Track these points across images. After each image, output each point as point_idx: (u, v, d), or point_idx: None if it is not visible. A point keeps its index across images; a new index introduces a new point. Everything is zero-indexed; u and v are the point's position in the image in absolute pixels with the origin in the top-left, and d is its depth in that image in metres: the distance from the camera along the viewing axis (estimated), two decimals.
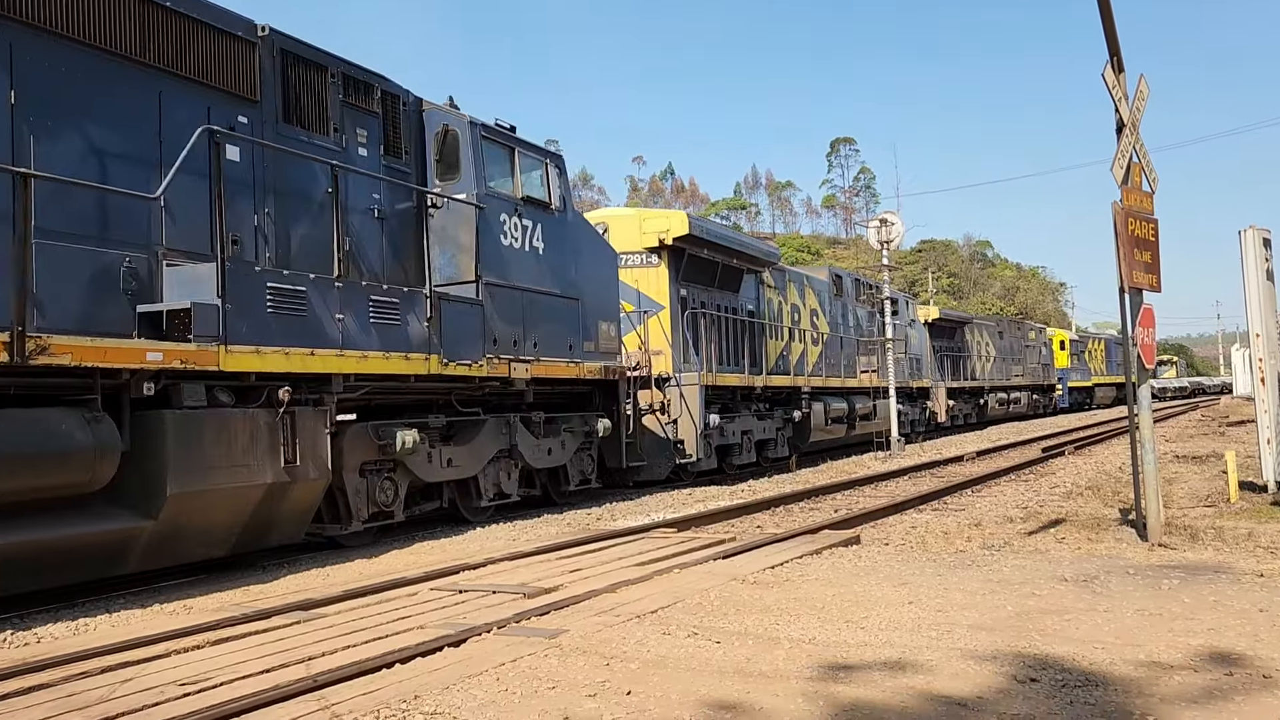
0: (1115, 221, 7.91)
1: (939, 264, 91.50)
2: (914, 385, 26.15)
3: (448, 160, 10.62)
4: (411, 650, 4.83)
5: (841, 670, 4.36)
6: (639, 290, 15.52)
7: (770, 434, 18.15)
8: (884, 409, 22.55)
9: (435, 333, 9.48)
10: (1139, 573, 6.49)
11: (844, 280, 23.90)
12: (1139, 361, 8.00)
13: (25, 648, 5.61)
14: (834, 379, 21.33)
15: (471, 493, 10.81)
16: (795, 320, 20.33)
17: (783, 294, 19.95)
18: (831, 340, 21.87)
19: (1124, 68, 8.05)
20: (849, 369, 22.39)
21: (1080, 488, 12.52)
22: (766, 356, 18.63)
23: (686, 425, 14.95)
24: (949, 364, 31.39)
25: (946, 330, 32.23)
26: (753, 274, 18.62)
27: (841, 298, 23.12)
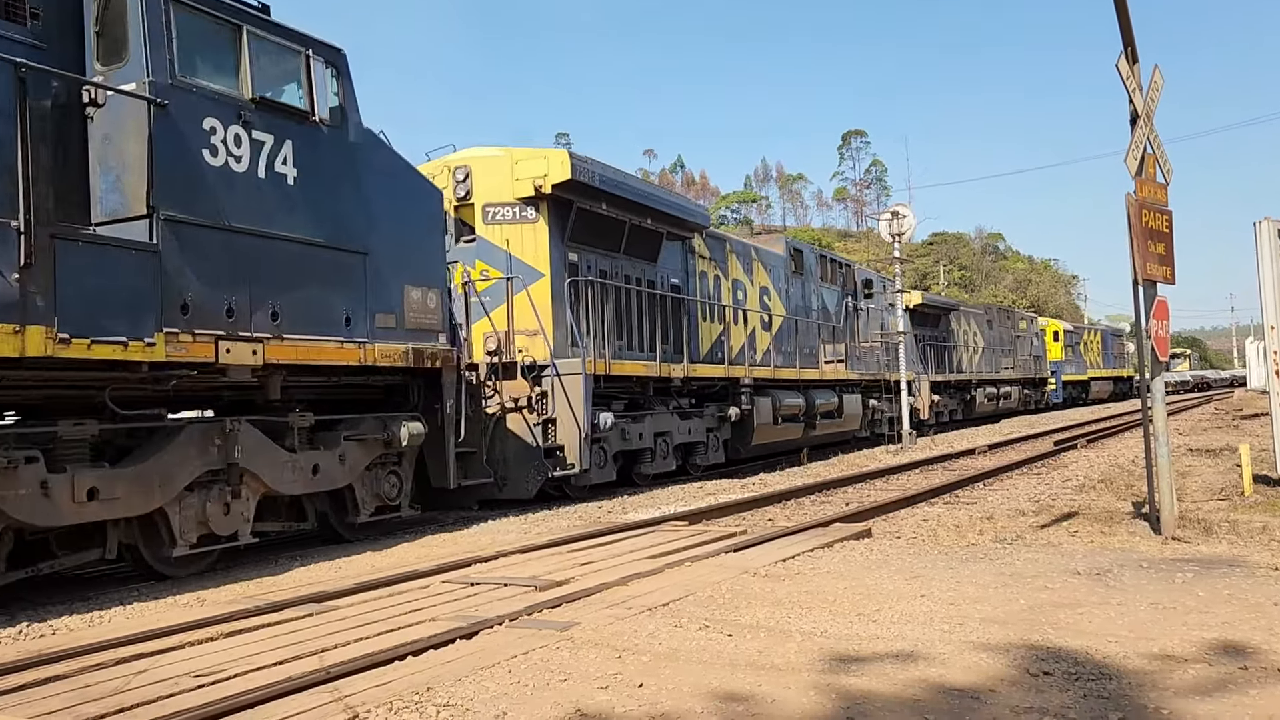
0: (1129, 213, 7.86)
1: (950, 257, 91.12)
2: (890, 378, 22.92)
3: (112, 34, 7.34)
4: (424, 642, 4.84)
5: (853, 663, 4.36)
6: (510, 253, 12.41)
7: (698, 435, 15.29)
8: (853, 405, 20.73)
9: (42, 292, 6.18)
10: (1152, 566, 6.46)
11: (805, 256, 20.97)
12: (1153, 354, 7.96)
13: (41, 639, 5.66)
14: (787, 370, 18.45)
15: (162, 536, 7.48)
16: (740, 299, 17.38)
17: (722, 267, 16.94)
18: (786, 325, 19.00)
19: (1138, 58, 7.99)
20: (809, 359, 19.62)
21: (1093, 481, 12.47)
22: (698, 342, 15.80)
23: (567, 427, 12.01)
24: (933, 355, 28.44)
25: (930, 317, 29.27)
26: (678, 240, 15.49)
27: (802, 276, 20.32)
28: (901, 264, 23.68)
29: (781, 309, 19.04)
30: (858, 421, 21.43)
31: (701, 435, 15.41)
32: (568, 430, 12.06)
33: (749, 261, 18.08)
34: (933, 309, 29.41)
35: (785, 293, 19.33)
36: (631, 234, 14.08)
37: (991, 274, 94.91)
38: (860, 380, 21.89)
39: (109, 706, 4.02)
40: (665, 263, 15.15)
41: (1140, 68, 8.02)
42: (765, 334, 18.20)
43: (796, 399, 18.36)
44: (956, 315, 32.03)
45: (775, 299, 18.90)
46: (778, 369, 18.15)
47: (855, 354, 21.95)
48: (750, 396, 16.56)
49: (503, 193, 12.80)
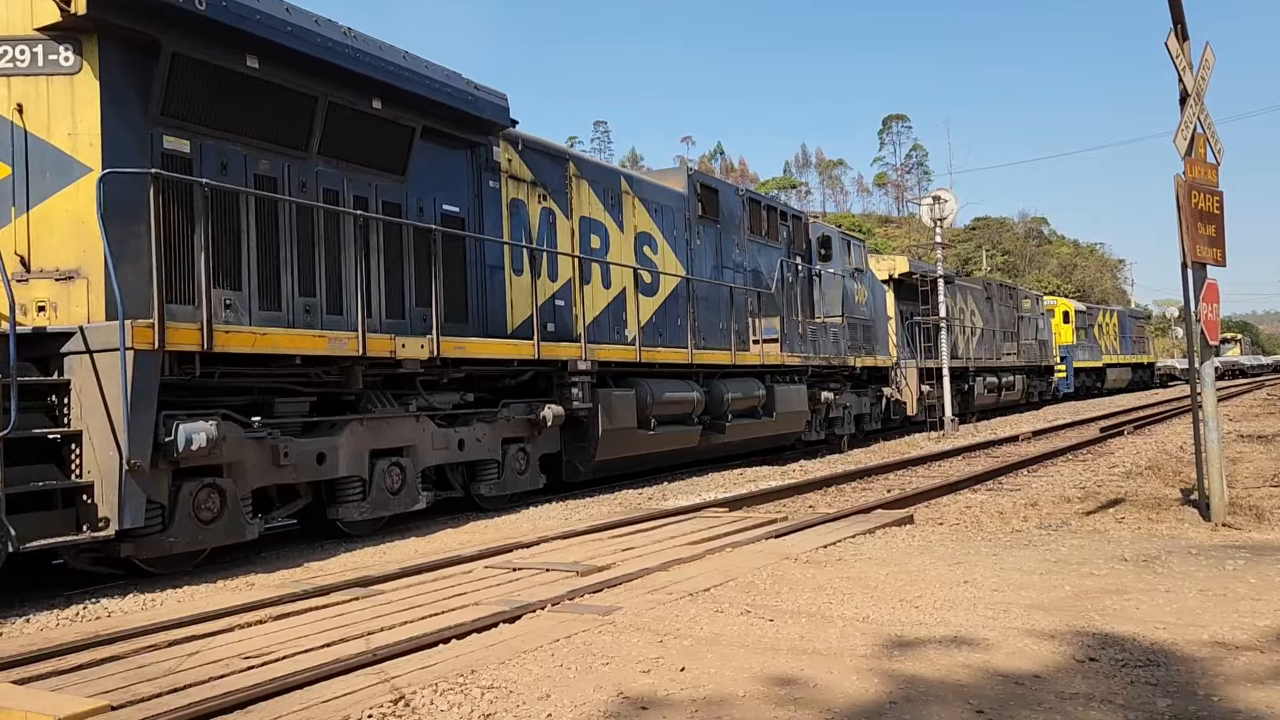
0: (1178, 195, 7.72)
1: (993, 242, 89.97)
2: (856, 363, 18.78)
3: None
4: (468, 626, 4.90)
5: (897, 648, 4.34)
6: (24, 128, 7.11)
7: (482, 451, 10.07)
8: (792, 399, 16.08)
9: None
10: (1202, 553, 6.35)
11: (723, 198, 15.66)
12: (1202, 338, 7.81)
13: (96, 621, 5.80)
14: (669, 351, 13.22)
15: None
16: (595, 249, 12.50)
17: (558, 198, 11.87)
18: (683, 290, 14.01)
19: (1188, 35, 7.82)
20: (727, 337, 14.67)
21: (1140, 468, 12.28)
22: (505, 305, 10.81)
23: (98, 452, 6.60)
24: (922, 337, 23.68)
25: (918, 291, 24.03)
26: (456, 146, 10.24)
27: (717, 225, 15.32)
28: (943, 249, 23.40)
29: (677, 267, 14.01)
30: (801, 421, 16.63)
31: (490, 450, 10.16)
32: (96, 457, 6.64)
33: (615, 197, 13.00)
34: (922, 280, 24.12)
35: (686, 245, 14.39)
36: (332, 117, 8.73)
37: (1036, 259, 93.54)
38: (806, 367, 16.76)
39: (163, 686, 4.12)
40: (427, 176, 9.90)
41: (1190, 45, 7.85)
42: (647, 300, 13.27)
43: (686, 392, 13.27)
44: (952, 290, 26.39)
45: (666, 253, 13.88)
46: (650, 350, 12.76)
47: (803, 333, 17.00)
48: (589, 389, 11.47)
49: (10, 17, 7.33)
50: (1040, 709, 3.52)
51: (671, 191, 14.48)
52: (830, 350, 18.06)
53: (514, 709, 3.69)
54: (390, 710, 3.70)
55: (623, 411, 12.07)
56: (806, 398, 16.89)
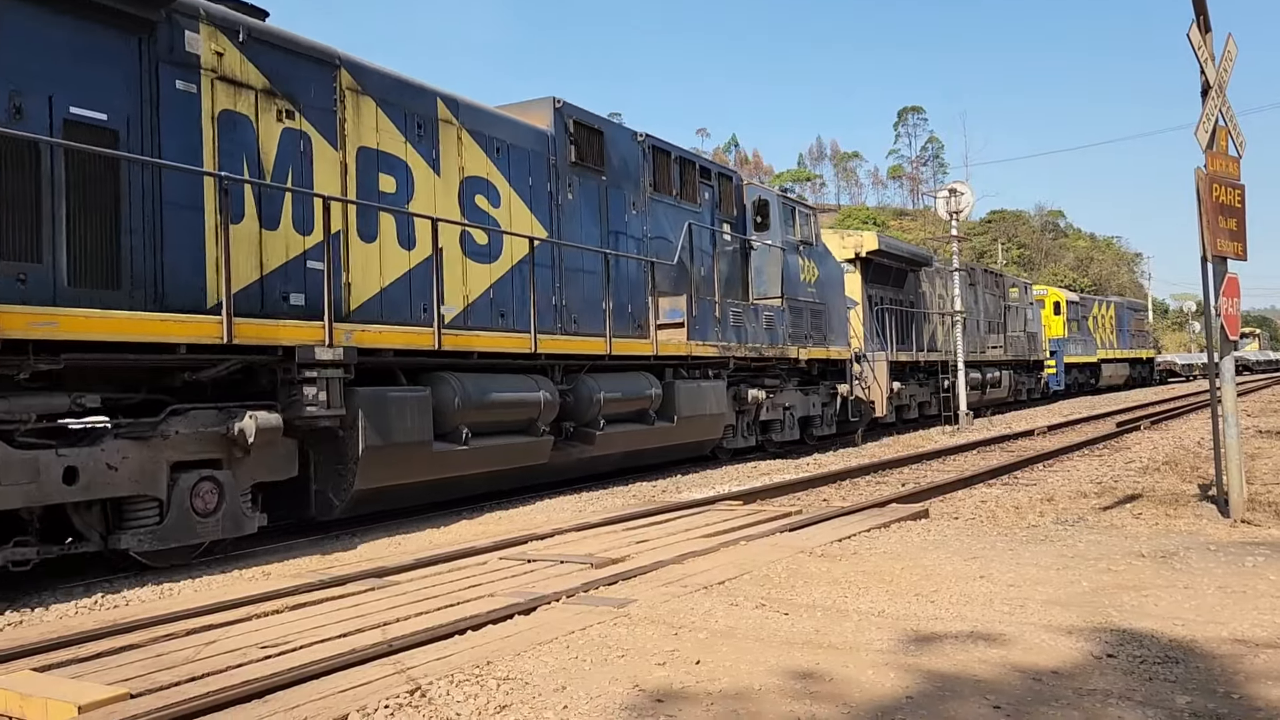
0: (1199, 188, 7.65)
1: (1009, 235, 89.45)
2: (800, 355, 16.00)
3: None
4: (483, 617, 4.91)
5: (913, 643, 4.33)
6: None
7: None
8: (702, 399, 13.25)
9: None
10: (1221, 549, 6.31)
11: (610, 143, 12.44)
12: (1222, 333, 7.74)
13: (115, 610, 5.84)
14: (510, 337, 10.25)
15: None
16: (382, 193, 9.13)
17: (324, 121, 8.61)
18: (536, 256, 10.74)
19: (1210, 27, 7.74)
20: (625, 321, 12.31)
21: (1157, 463, 12.21)
22: (208, 268, 7.51)
23: None
24: (894, 325, 21.12)
25: (891, 274, 21.50)
26: (106, 22, 7.01)
27: (599, 177, 12.17)
28: (959, 242, 23.26)
29: (533, 226, 10.95)
30: (718, 426, 13.80)
31: (139, 481, 6.81)
32: None
33: (426, 126, 9.68)
34: (895, 261, 21.64)
35: (550, 200, 11.34)
36: None
37: (1052, 252, 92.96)
38: (725, 359, 13.98)
39: (181, 675, 4.14)
40: (35, 64, 6.57)
41: (1213, 37, 7.77)
42: (479, 267, 10.17)
43: (525, 392, 10.26)
44: (930, 274, 24.13)
45: (515, 208, 10.79)
46: (466, 334, 9.71)
47: (721, 315, 13.97)
48: (338, 388, 8.09)
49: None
50: (1058, 705, 3.50)
51: (527, 128, 11.13)
52: (762, 339, 15.04)
53: (530, 700, 3.70)
54: (406, 701, 3.71)
55: (404, 420, 8.69)
56: (726, 397, 13.98)
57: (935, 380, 23.21)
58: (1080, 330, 38.08)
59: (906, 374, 21.58)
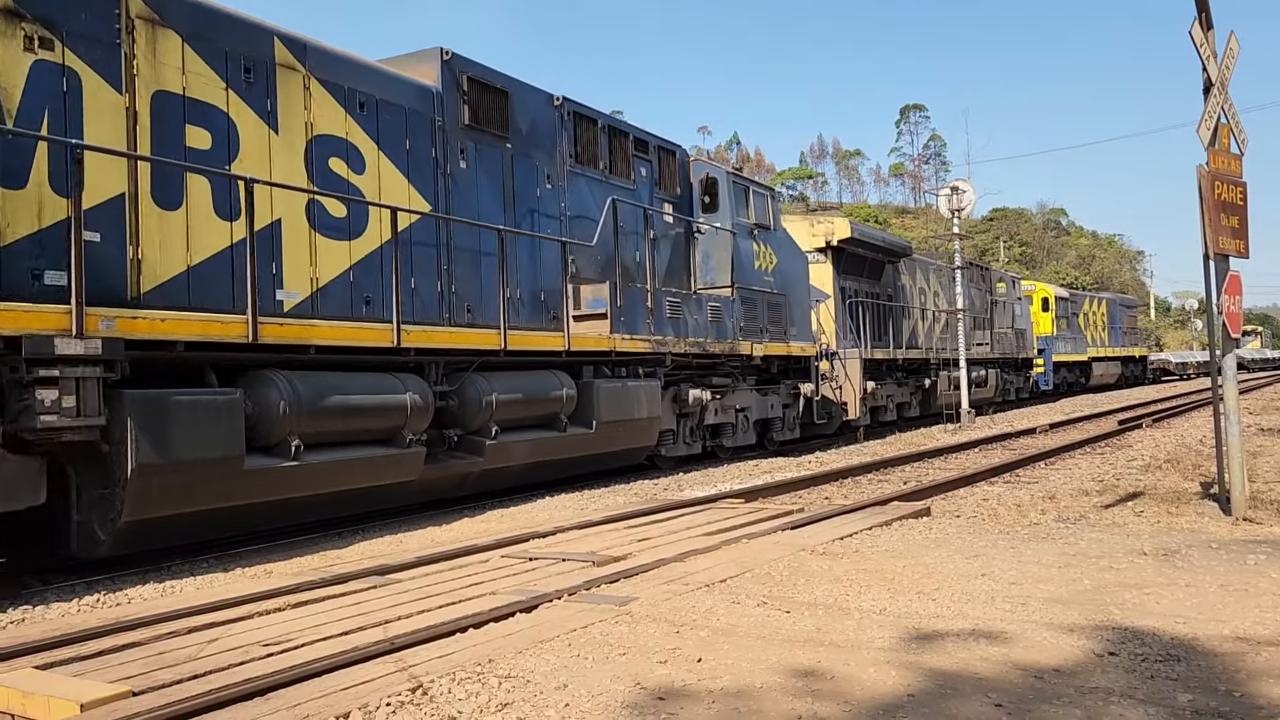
0: (1200, 186, 7.63)
1: (1011, 233, 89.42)
2: (755, 351, 14.43)
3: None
4: (485, 615, 4.92)
5: (915, 641, 4.33)
6: None
7: None
8: (631, 401, 11.77)
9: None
10: (1222, 547, 6.31)
11: (518, 106, 10.84)
12: (1224, 331, 7.74)
13: (118, 608, 5.85)
14: (360, 328, 8.57)
15: None
16: (188, 148, 7.54)
17: (101, 55, 6.94)
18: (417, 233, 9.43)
19: (1213, 24, 7.73)
20: (537, 313, 10.86)
21: (1159, 461, 12.20)
22: None
23: None
24: (870, 320, 19.87)
25: (866, 265, 20.18)
26: None
27: (504, 144, 10.62)
28: (961, 240, 23.23)
29: (411, 198, 9.35)
30: (651, 431, 12.27)
31: None
32: None
33: (259, 70, 8.10)
34: (870, 251, 20.19)
35: (436, 168, 9.69)
36: None
37: (1054, 250, 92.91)
38: (661, 355, 12.38)
39: (184, 673, 4.15)
40: None
41: (1215, 34, 7.76)
42: (335, 245, 8.55)
43: (383, 395, 8.53)
44: (911, 266, 22.81)
45: (387, 175, 9.14)
46: (304, 324, 8.07)
47: (653, 305, 12.26)
48: (95, 391, 6.38)
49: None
50: (1060, 703, 3.50)
51: (405, 83, 9.50)
52: (707, 333, 13.40)
53: (531, 698, 3.70)
54: (408, 699, 3.72)
55: (199, 431, 6.95)
56: (661, 398, 12.46)
57: (917, 380, 21.93)
58: (1070, 327, 36.46)
59: (884, 373, 20.11)
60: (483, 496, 10.44)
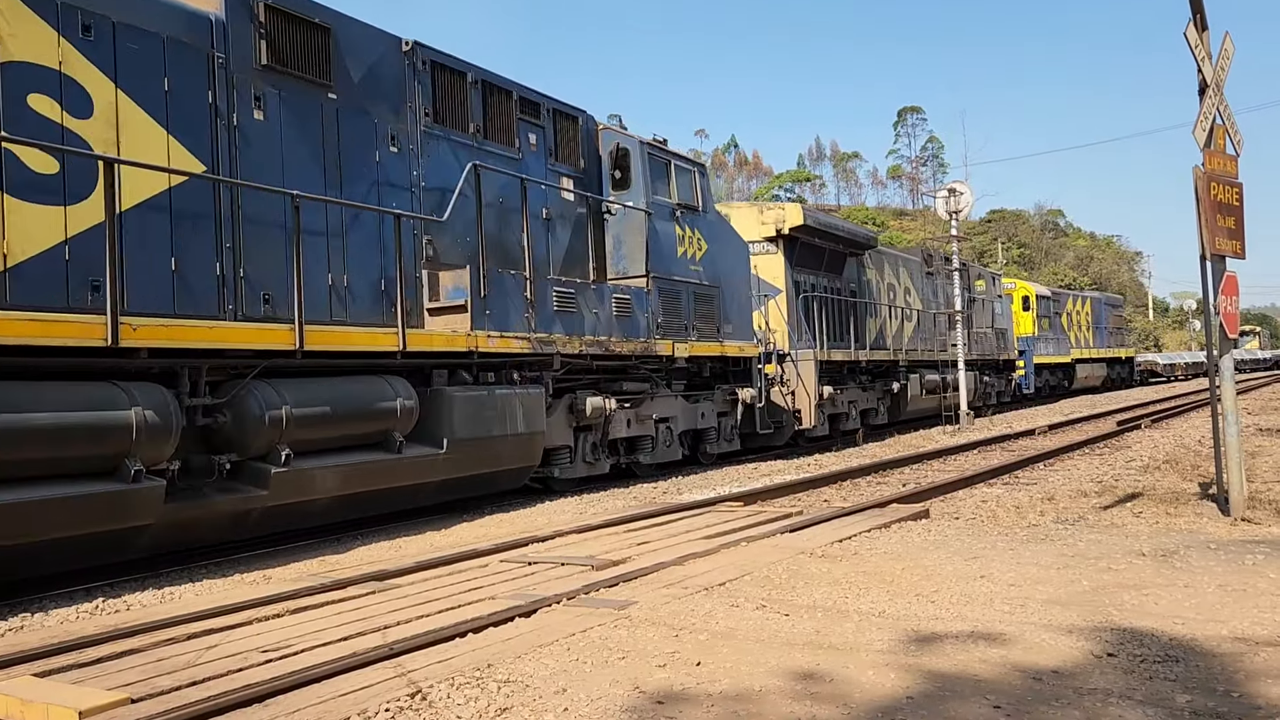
0: (1197, 187, 7.65)
1: (1009, 234, 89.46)
2: (680, 354, 12.68)
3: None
4: (484, 620, 4.91)
5: (914, 643, 4.33)
6: None
7: None
8: (491, 413, 9.59)
9: None
10: (1221, 548, 6.31)
11: (344, 44, 8.84)
12: (1221, 331, 7.74)
13: (116, 614, 5.84)
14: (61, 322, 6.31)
15: None
16: None
17: None
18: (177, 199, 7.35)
19: (1207, 25, 7.74)
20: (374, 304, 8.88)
21: (1158, 461, 12.21)
22: None
23: None
24: (830, 318, 18.11)
25: (825, 257, 18.38)
26: None
27: (325, 93, 8.65)
28: (959, 242, 23.23)
29: (174, 154, 7.36)
30: (530, 449, 10.17)
31: None
32: None
33: None
34: (829, 242, 18.36)
35: (209, 116, 7.71)
36: None
37: (1052, 251, 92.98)
38: (548, 356, 10.45)
39: (182, 679, 4.15)
40: None
41: (1210, 35, 7.77)
42: (44, 211, 6.53)
43: (81, 413, 6.35)
44: (878, 260, 21.14)
45: (135, 121, 7.13)
46: None
47: (534, 296, 10.28)
48: None
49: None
50: (1059, 704, 3.50)
51: (167, 6, 7.53)
52: (612, 330, 11.45)
53: (530, 703, 3.70)
54: (407, 704, 3.72)
55: None
56: (550, 408, 10.52)
57: (885, 384, 20.24)
58: (1053, 327, 34.78)
59: (845, 376, 18.53)
60: (287, 537, 8.46)
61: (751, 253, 15.80)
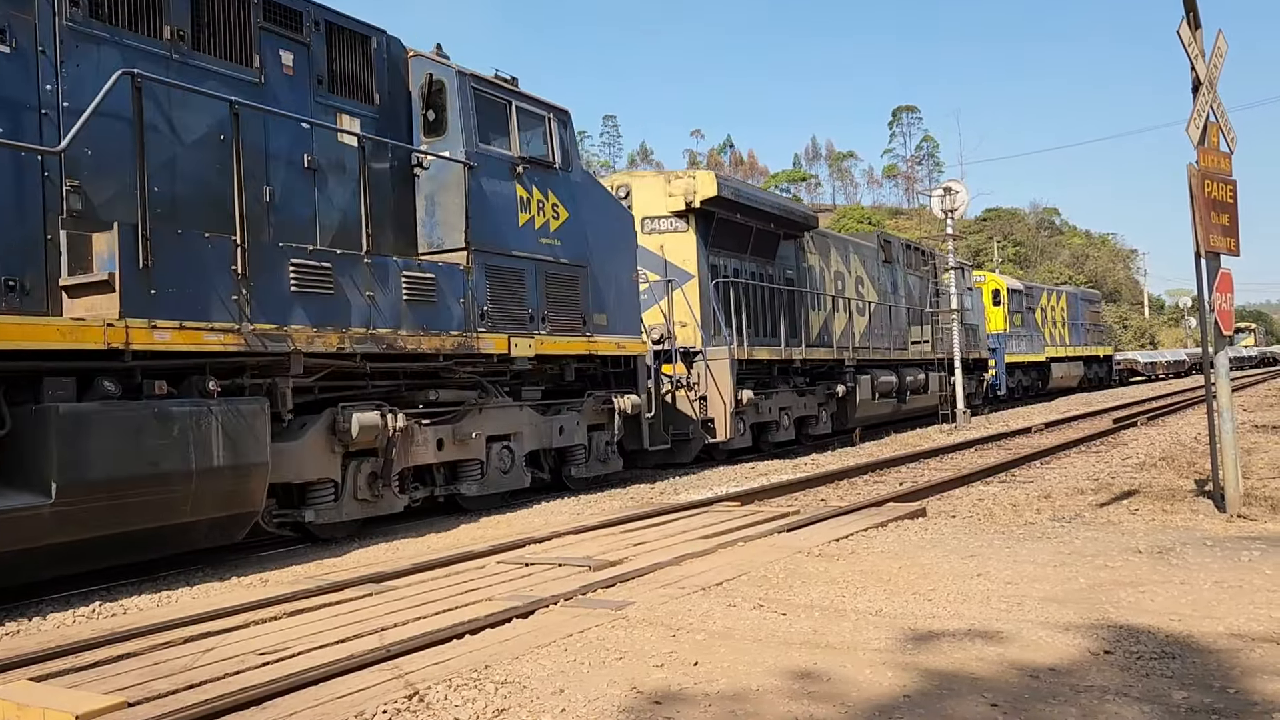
0: (1191, 184, 7.66)
1: (1004, 233, 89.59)
2: (519, 352, 9.98)
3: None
4: (481, 621, 4.91)
5: (911, 641, 4.33)
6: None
7: None
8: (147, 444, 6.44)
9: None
10: (1217, 544, 6.32)
11: None
12: (1216, 328, 7.76)
13: (113, 618, 5.83)
14: None
15: None
16: None
17: None
18: None
19: (1201, 23, 7.76)
20: None
21: (1154, 459, 12.23)
22: None
23: None
24: (756, 309, 15.64)
25: (751, 237, 15.73)
26: None
27: None
28: (955, 240, 23.24)
29: None
30: (243, 491, 7.19)
31: None
32: None
33: None
34: (755, 220, 15.67)
35: None
36: None
37: (1047, 249, 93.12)
38: (278, 355, 7.67)
39: (179, 683, 4.14)
40: None
41: (1203, 33, 7.79)
42: None
43: None
44: (822, 244, 18.72)
45: None
46: None
47: (279, 276, 7.62)
48: None
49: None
50: (1056, 702, 3.51)
51: None
52: (400, 320, 8.61)
53: (528, 704, 3.70)
54: (405, 706, 3.71)
55: None
56: (269, 432, 7.39)
57: (828, 387, 17.54)
58: (1025, 324, 32.40)
59: (777, 378, 16.09)
60: None
61: (657, 230, 14.31)
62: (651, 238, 14.34)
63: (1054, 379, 34.37)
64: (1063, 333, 36.44)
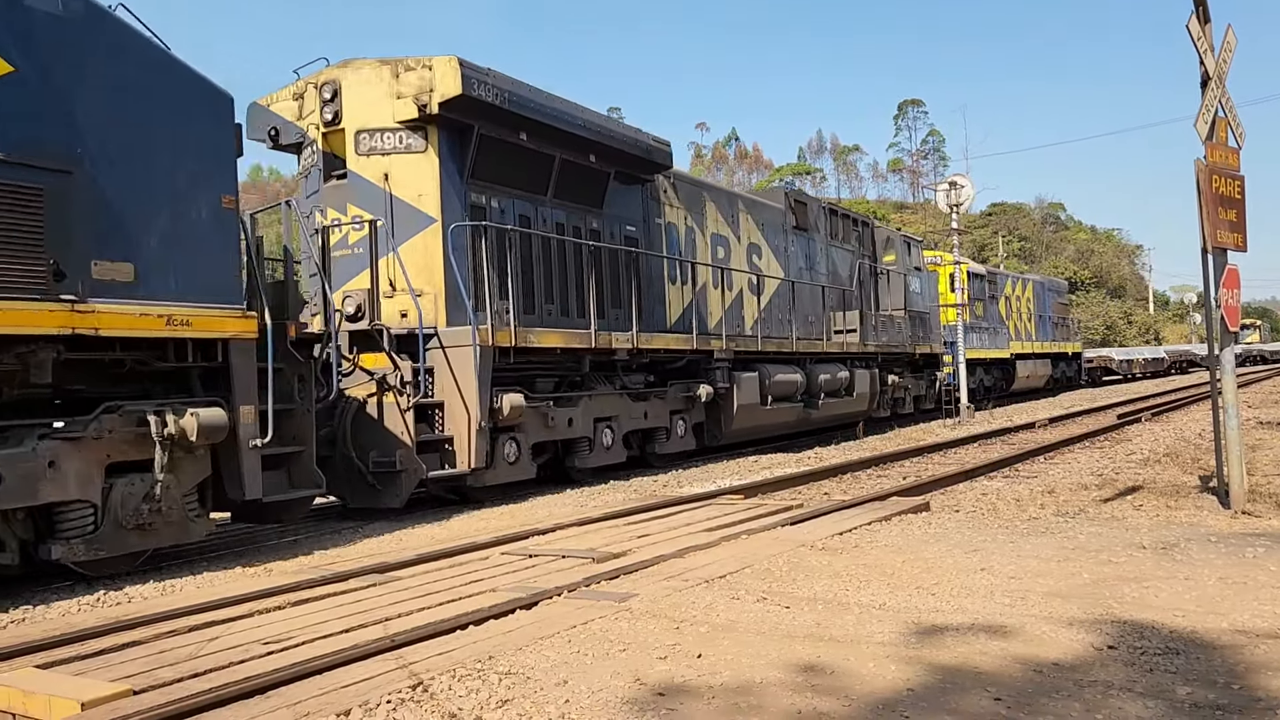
0: (1198, 180, 7.63)
1: (1009, 228, 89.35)
2: None
3: None
4: (485, 612, 4.92)
5: (914, 635, 4.33)
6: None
7: None
8: None
9: None
10: (1221, 540, 6.32)
11: None
12: (1222, 324, 7.74)
13: (118, 607, 5.85)
14: None
15: None
16: None
17: None
18: None
19: (1210, 18, 7.73)
20: None
21: (1158, 455, 12.21)
22: None
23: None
24: (560, 276, 11.43)
25: (555, 171, 11.28)
26: None
27: None
28: (960, 235, 23.18)
29: None
30: None
31: None
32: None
33: None
34: (553, 144, 11.17)
35: None
36: None
37: (1052, 244, 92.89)
38: None
39: (184, 671, 4.15)
40: None
41: (1212, 27, 7.75)
42: None
43: None
44: (694, 198, 14.37)
45: None
46: None
47: None
48: None
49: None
50: (1059, 696, 3.51)
51: None
52: None
53: (531, 695, 3.71)
54: (409, 695, 3.72)
55: None
56: None
57: (687, 389, 13.15)
58: (987, 315, 28.32)
59: (593, 375, 11.77)
60: None
61: (379, 150, 10.05)
62: (372, 161, 10.01)
63: (1019, 378, 30.36)
64: (1029, 326, 32.60)
